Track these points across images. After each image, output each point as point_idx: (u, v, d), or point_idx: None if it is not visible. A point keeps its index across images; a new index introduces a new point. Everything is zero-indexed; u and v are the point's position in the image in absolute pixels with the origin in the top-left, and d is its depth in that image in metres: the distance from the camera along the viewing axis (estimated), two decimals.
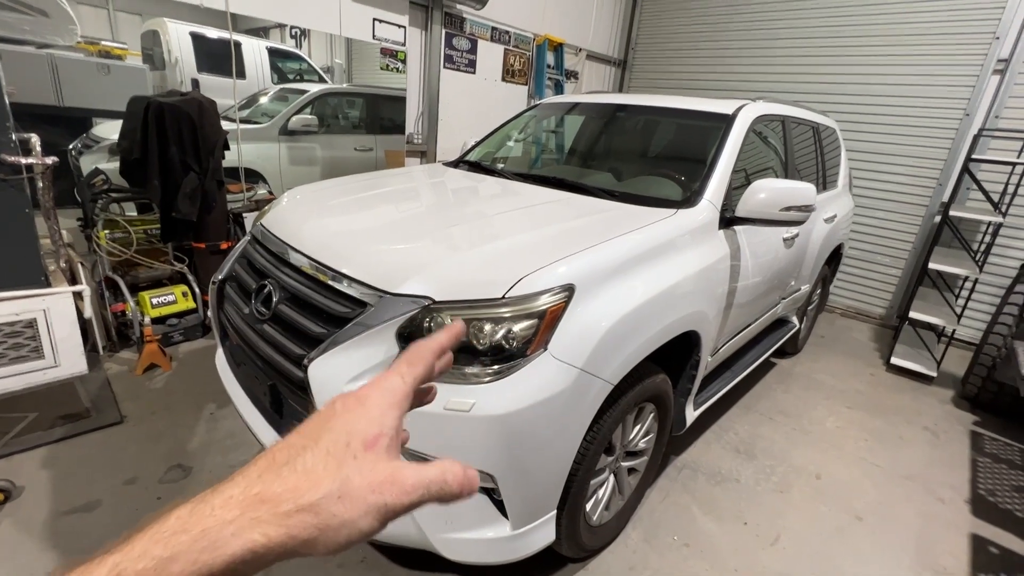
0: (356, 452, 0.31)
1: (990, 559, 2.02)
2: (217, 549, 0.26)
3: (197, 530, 0.26)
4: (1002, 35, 3.80)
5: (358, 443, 0.31)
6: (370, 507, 0.30)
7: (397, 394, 0.35)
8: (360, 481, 0.30)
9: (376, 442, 0.32)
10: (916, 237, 4.39)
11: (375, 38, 3.83)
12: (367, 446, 0.31)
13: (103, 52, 2.96)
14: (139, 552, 0.25)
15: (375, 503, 0.30)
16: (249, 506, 0.27)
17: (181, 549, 0.25)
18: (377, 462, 0.31)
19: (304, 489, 0.28)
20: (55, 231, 2.45)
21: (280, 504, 0.28)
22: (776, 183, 1.94)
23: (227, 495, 0.28)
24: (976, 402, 3.20)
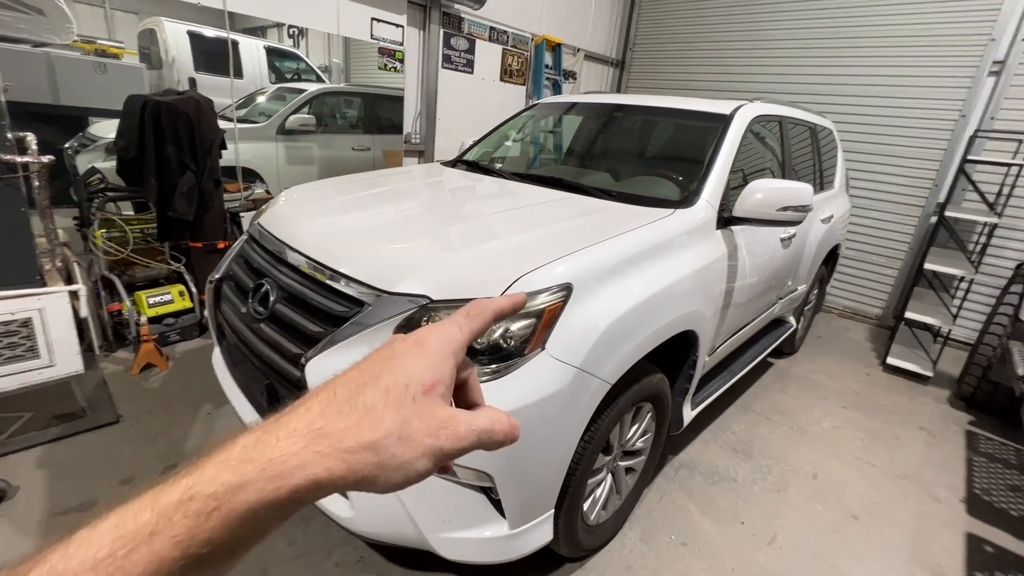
0: (415, 395, 0.31)
1: (985, 558, 2.03)
2: (282, 479, 0.27)
3: (263, 460, 0.27)
4: (998, 37, 3.82)
5: (417, 387, 0.32)
6: (427, 450, 0.31)
7: (454, 343, 0.35)
8: (418, 424, 0.31)
9: (434, 388, 0.32)
10: (912, 238, 4.41)
11: (373, 38, 3.83)
12: (426, 391, 0.32)
13: (100, 51, 2.95)
14: (209, 477, 0.26)
15: (431, 446, 0.31)
16: (312, 440, 0.28)
17: (249, 477, 0.26)
18: (434, 407, 0.32)
19: (366, 428, 0.29)
20: (51, 230, 2.44)
21: (342, 440, 0.28)
22: (773, 183, 1.94)
23: (291, 428, 0.28)
24: (971, 402, 3.22)
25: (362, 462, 0.29)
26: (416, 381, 0.32)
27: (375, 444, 0.29)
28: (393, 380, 0.31)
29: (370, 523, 1.36)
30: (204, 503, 0.25)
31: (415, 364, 0.33)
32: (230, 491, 0.26)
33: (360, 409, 0.30)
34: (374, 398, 0.30)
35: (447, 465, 0.34)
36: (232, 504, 0.26)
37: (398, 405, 0.31)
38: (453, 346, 0.35)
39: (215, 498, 0.25)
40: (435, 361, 0.34)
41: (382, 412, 0.30)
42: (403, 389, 0.31)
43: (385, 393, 0.31)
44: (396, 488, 0.31)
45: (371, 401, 0.30)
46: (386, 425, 0.30)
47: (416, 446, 0.30)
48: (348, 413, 0.29)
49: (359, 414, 0.29)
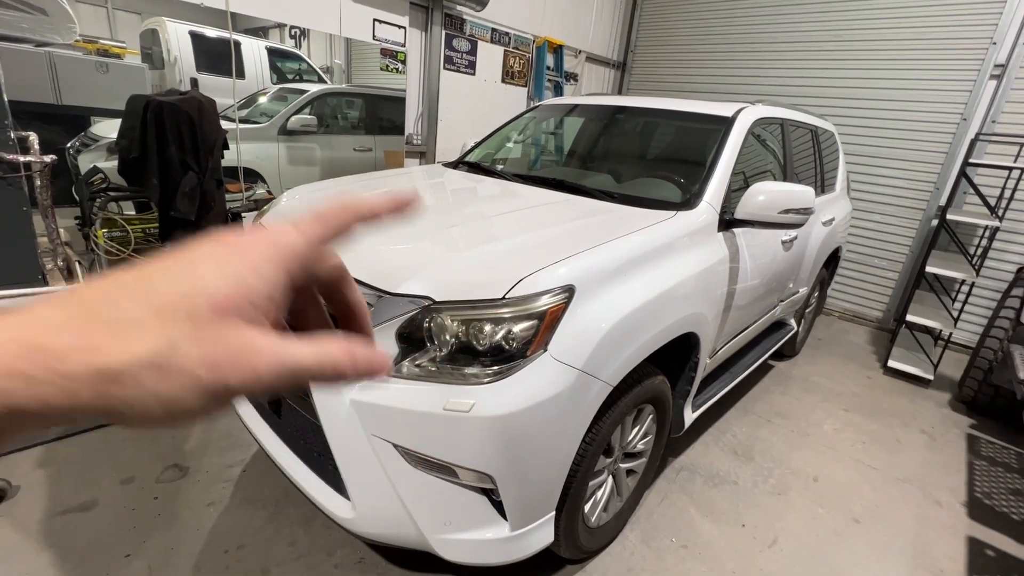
0: (197, 313, 0.23)
1: (986, 562, 2.03)
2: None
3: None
4: (999, 40, 3.83)
5: (202, 302, 0.23)
6: (201, 387, 0.23)
7: (287, 252, 0.27)
8: (191, 351, 0.22)
9: (231, 305, 0.24)
10: (913, 241, 4.41)
11: (375, 38, 3.83)
12: (215, 308, 0.23)
13: (102, 51, 2.95)
14: None
15: (208, 381, 0.23)
16: (23, 356, 0.20)
17: None
18: (224, 331, 0.23)
19: (108, 350, 0.21)
20: (53, 229, 2.44)
21: (64, 361, 0.20)
22: (775, 186, 1.94)
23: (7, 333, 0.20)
24: (973, 405, 3.21)
25: (96, 394, 0.21)
26: (203, 293, 0.23)
27: (116, 373, 0.21)
28: (169, 290, 0.23)
29: (371, 524, 1.36)
30: None
31: (210, 271, 0.24)
32: None
33: (110, 325, 0.21)
34: (133, 311, 0.22)
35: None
36: None
37: (164, 322, 0.22)
38: (284, 254, 0.26)
39: None
40: (244, 270, 0.25)
41: (137, 331, 0.22)
42: (177, 300, 0.23)
43: (152, 307, 0.22)
44: (155, 426, 0.23)
45: (128, 313, 0.22)
46: (140, 349, 0.21)
47: (182, 379, 0.22)
48: (90, 327, 0.21)
49: (105, 331, 0.21)
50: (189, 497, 1.87)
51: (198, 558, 1.65)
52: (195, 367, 0.22)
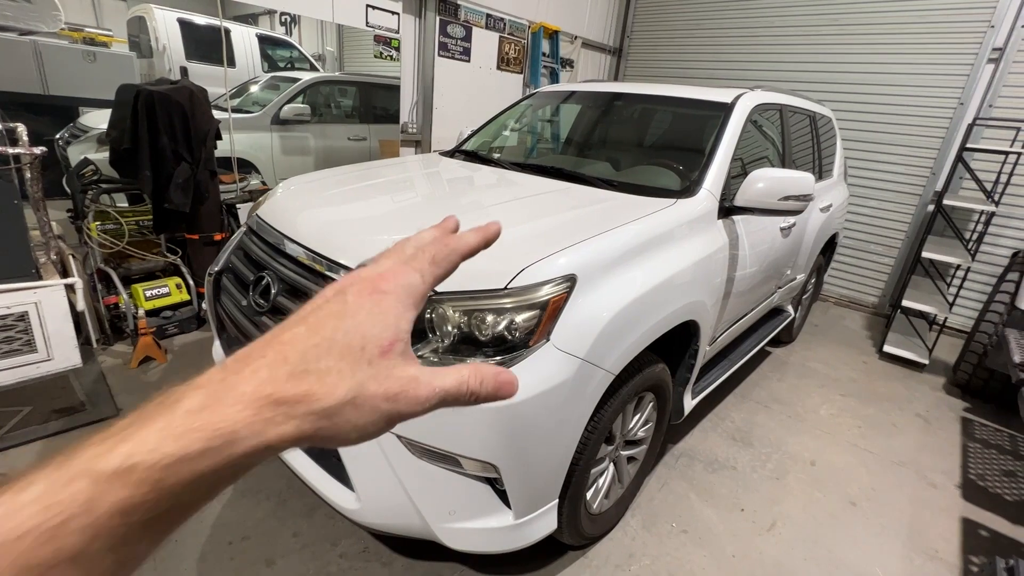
0: (371, 358, 0.29)
1: (980, 542, 2.07)
2: (231, 447, 0.25)
3: (210, 430, 0.25)
4: (997, 23, 3.80)
5: (373, 348, 0.29)
6: (382, 415, 0.29)
7: (415, 295, 0.33)
8: (375, 389, 0.29)
9: (392, 347, 0.30)
10: (909, 226, 4.42)
11: (368, 25, 3.77)
12: (382, 352, 0.30)
13: (88, 39, 2.89)
14: (151, 446, 0.24)
15: (387, 411, 0.29)
16: (263, 407, 0.26)
17: (195, 449, 0.24)
18: (392, 369, 0.30)
19: (319, 395, 0.27)
20: (45, 223, 2.41)
21: (295, 407, 0.27)
22: (775, 172, 1.94)
23: (239, 391, 0.26)
24: (967, 389, 3.25)
25: (315, 426, 0.27)
26: (372, 342, 0.29)
27: (329, 410, 0.28)
28: (347, 343, 0.29)
29: (375, 514, 1.37)
30: (146, 473, 0.23)
31: (371, 322, 0.30)
32: (175, 463, 0.24)
33: (313, 374, 0.28)
34: (328, 363, 0.28)
35: None
36: (177, 475, 0.24)
37: (353, 369, 0.29)
38: (414, 297, 0.32)
39: (158, 469, 0.23)
40: (392, 317, 0.31)
41: (336, 378, 0.28)
42: (358, 352, 0.29)
43: (339, 358, 0.29)
44: (349, 445, 0.30)
45: (324, 366, 0.28)
46: (340, 392, 0.28)
47: (371, 411, 0.29)
48: (301, 378, 0.27)
49: (312, 380, 0.28)
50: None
51: (202, 550, 1.65)
52: (378, 401, 0.29)
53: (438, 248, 0.35)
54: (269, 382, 0.27)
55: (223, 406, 0.26)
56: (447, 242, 0.36)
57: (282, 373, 0.27)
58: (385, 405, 0.29)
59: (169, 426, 0.25)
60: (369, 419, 0.29)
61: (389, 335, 0.30)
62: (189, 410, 0.25)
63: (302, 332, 0.29)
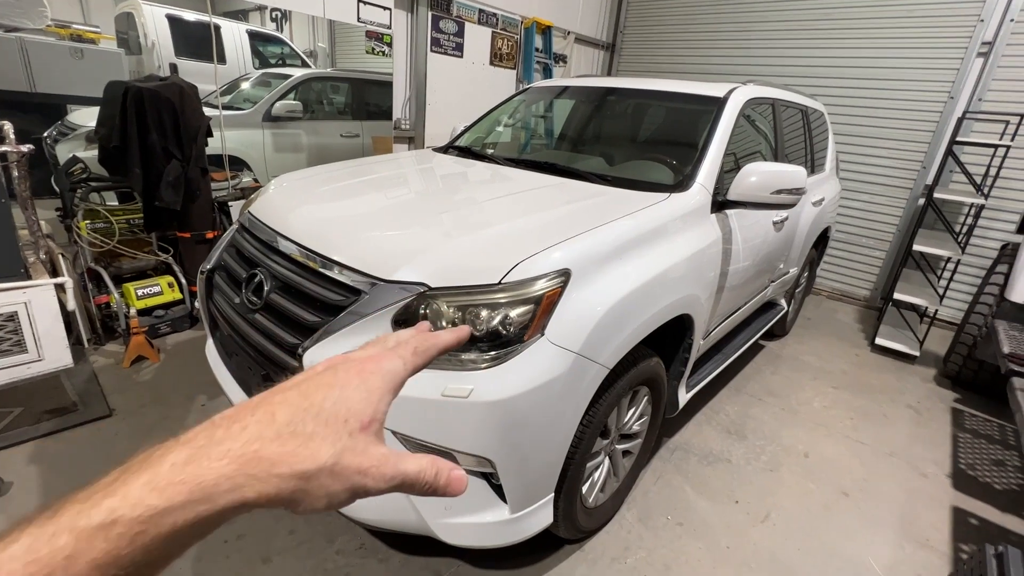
0: (352, 430, 0.32)
1: (970, 530, 2.09)
2: (212, 501, 0.26)
3: (194, 483, 0.26)
4: (986, 17, 3.83)
5: (355, 423, 0.32)
6: (351, 486, 0.31)
7: (396, 380, 0.36)
8: (351, 460, 0.31)
9: (370, 425, 0.33)
10: (900, 219, 4.46)
11: (360, 20, 3.74)
12: (362, 428, 0.32)
13: (75, 36, 2.85)
14: (135, 500, 0.25)
15: (357, 483, 0.31)
16: (247, 463, 0.28)
17: (177, 501, 0.26)
18: (368, 445, 0.32)
19: (302, 457, 0.29)
20: (33, 222, 2.38)
21: (277, 466, 0.28)
22: (767, 166, 1.94)
23: (225, 448, 0.28)
24: (957, 380, 3.29)
25: (291, 488, 0.29)
26: (355, 416, 0.32)
27: (308, 474, 0.29)
28: (333, 412, 0.32)
29: (371, 510, 1.37)
30: (128, 527, 0.24)
31: (356, 398, 0.33)
32: (157, 516, 0.25)
33: (299, 437, 0.30)
34: (314, 427, 0.30)
35: None
36: (158, 528, 0.25)
37: (335, 438, 0.31)
38: (394, 382, 0.36)
39: (140, 522, 0.25)
40: (376, 397, 0.34)
41: (319, 444, 0.30)
42: (342, 423, 0.31)
43: (324, 425, 0.31)
44: (314, 512, 0.31)
45: (310, 430, 0.30)
46: (321, 458, 0.30)
47: (344, 481, 0.31)
48: (287, 439, 0.29)
49: (297, 442, 0.29)
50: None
51: (198, 549, 1.65)
52: (351, 473, 0.31)
53: (419, 341, 0.40)
54: (256, 439, 0.29)
55: (209, 460, 0.27)
56: (427, 337, 0.41)
57: (270, 432, 0.29)
58: (356, 477, 0.31)
59: (154, 479, 0.26)
60: (340, 487, 0.31)
61: (370, 412, 0.33)
62: (174, 464, 0.27)
63: (293, 396, 0.32)
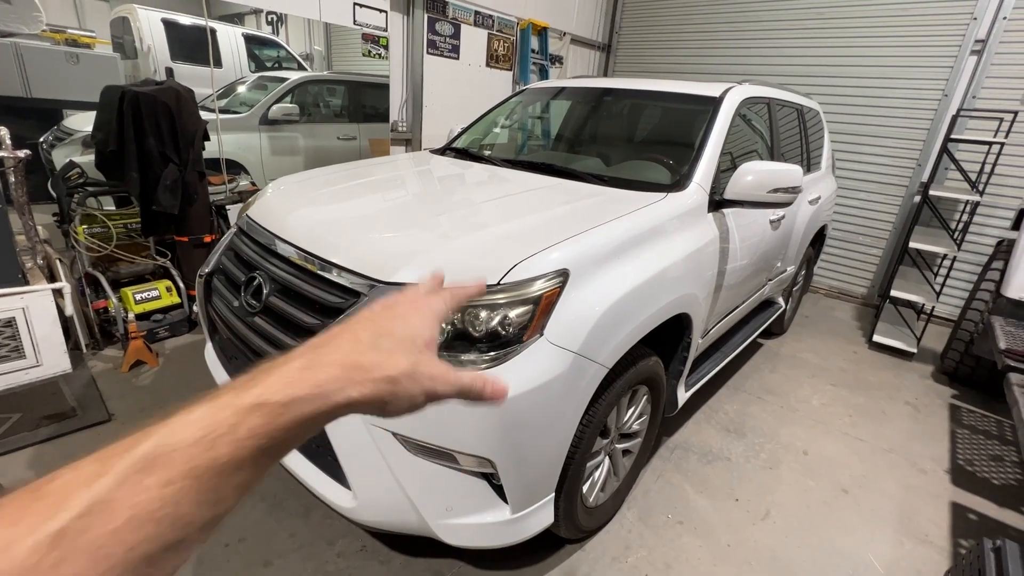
0: (420, 347, 0.40)
1: (969, 525, 2.10)
2: (328, 397, 0.34)
3: (314, 381, 0.34)
4: (979, 15, 3.85)
5: (422, 341, 0.40)
6: (426, 389, 0.39)
7: (441, 314, 0.45)
8: (424, 369, 0.39)
9: (431, 343, 0.41)
10: (896, 217, 4.47)
11: (356, 23, 3.74)
12: (427, 344, 0.41)
13: (70, 41, 2.85)
14: (276, 388, 0.32)
15: (429, 387, 0.39)
16: (350, 369, 0.35)
17: (305, 393, 0.33)
18: (433, 358, 0.40)
19: (388, 365, 0.37)
20: (30, 227, 2.38)
21: (371, 371, 0.36)
22: (764, 165, 1.95)
23: (331, 358, 0.35)
24: (955, 376, 3.30)
25: (384, 390, 0.36)
26: (420, 336, 0.41)
27: (394, 378, 0.37)
28: (403, 333, 0.40)
29: (372, 512, 1.37)
30: (273, 408, 0.32)
31: (418, 324, 0.41)
32: (292, 402, 0.32)
33: (383, 351, 0.38)
34: (391, 344, 0.38)
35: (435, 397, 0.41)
36: (291, 412, 0.32)
37: (409, 352, 0.39)
38: (440, 316, 0.44)
39: (281, 406, 0.32)
40: (430, 324, 0.42)
41: (399, 355, 0.38)
42: (411, 341, 0.40)
43: (399, 342, 0.39)
44: (399, 414, 0.39)
45: (389, 346, 0.38)
46: (402, 365, 0.38)
47: (420, 384, 0.38)
48: (373, 353, 0.37)
49: (382, 355, 0.37)
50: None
51: (199, 553, 1.65)
52: (424, 378, 0.39)
53: (453, 289, 0.48)
54: (352, 352, 0.37)
55: (321, 367, 0.35)
56: (456, 287, 0.49)
57: (360, 348, 0.37)
58: (428, 383, 0.39)
59: (286, 377, 0.33)
60: (418, 390, 0.38)
61: (429, 334, 0.41)
62: (298, 367, 0.34)
63: (368, 324, 0.40)
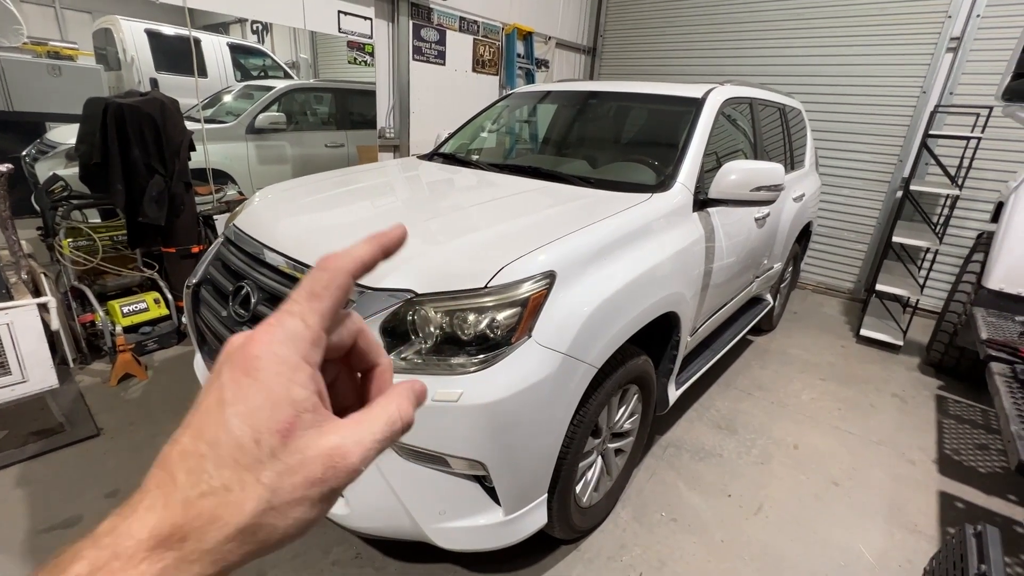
0: (272, 448, 0.24)
1: (957, 513, 2.14)
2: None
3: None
4: (954, 14, 3.94)
5: (271, 437, 0.24)
6: (313, 501, 0.25)
7: (301, 344, 0.27)
8: (292, 480, 0.24)
9: (293, 427, 0.25)
10: (880, 212, 4.55)
11: (341, 31, 3.75)
12: (284, 435, 0.25)
13: (52, 53, 2.83)
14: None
15: (318, 494, 0.25)
16: (168, 549, 0.22)
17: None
18: (306, 449, 0.25)
19: (227, 516, 0.23)
20: (14, 242, 2.35)
21: (204, 539, 0.23)
22: (746, 164, 1.98)
23: (136, 539, 0.22)
24: (940, 367, 3.36)
25: (237, 551, 0.23)
26: (265, 429, 0.24)
27: (243, 529, 0.23)
28: (234, 442, 0.24)
29: (366, 518, 1.37)
30: None
31: (257, 404, 0.24)
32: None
33: (209, 496, 0.23)
34: (222, 474, 0.23)
35: None
36: None
37: (256, 470, 0.24)
38: (301, 347, 0.26)
39: None
40: (280, 387, 0.25)
41: (239, 490, 0.23)
42: (253, 447, 0.24)
43: (234, 462, 0.24)
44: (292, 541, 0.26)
45: (219, 481, 0.23)
46: (249, 505, 0.23)
47: (296, 505, 0.25)
48: (197, 503, 0.23)
49: (211, 502, 0.23)
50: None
51: None
52: (301, 491, 0.25)
53: (312, 280, 0.28)
54: (166, 517, 0.23)
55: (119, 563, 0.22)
56: (324, 266, 0.29)
57: (175, 500, 0.23)
58: (312, 491, 0.25)
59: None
60: (301, 512, 0.25)
61: (284, 413, 0.25)
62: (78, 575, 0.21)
63: (187, 442, 0.24)
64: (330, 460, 0.25)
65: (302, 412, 0.25)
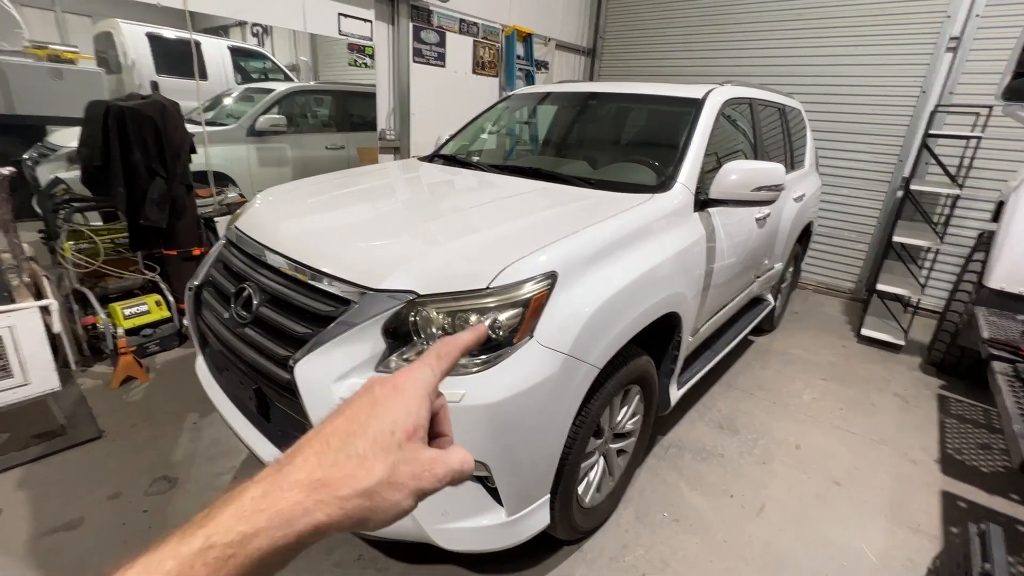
0: (400, 442, 0.34)
1: (959, 513, 2.13)
2: (290, 527, 0.30)
3: (272, 511, 0.30)
4: (953, 14, 3.95)
5: (401, 433, 0.34)
6: (411, 491, 0.34)
7: (429, 386, 0.38)
8: (405, 469, 0.34)
9: (415, 433, 0.35)
10: (880, 212, 4.55)
11: (341, 33, 3.76)
12: (408, 436, 0.35)
13: (53, 56, 2.84)
14: (226, 527, 0.29)
15: (415, 488, 0.34)
16: (314, 490, 0.31)
17: (260, 527, 0.29)
18: (417, 451, 0.35)
19: (360, 477, 0.32)
20: (16, 245, 2.36)
21: (340, 489, 0.31)
22: (747, 164, 1.99)
23: (293, 479, 0.31)
24: (942, 367, 3.36)
25: (357, 507, 0.32)
26: (400, 428, 0.34)
27: (368, 491, 0.32)
28: (379, 428, 0.34)
29: None
30: (222, 551, 0.28)
31: (397, 410, 0.35)
32: (245, 539, 0.28)
33: (353, 459, 0.32)
34: (364, 447, 0.33)
35: None
36: (246, 551, 0.28)
37: (386, 452, 0.33)
38: (427, 388, 0.38)
39: (231, 546, 0.28)
40: (414, 406, 0.36)
41: (373, 461, 0.33)
42: (389, 436, 0.34)
43: (373, 442, 0.33)
44: (385, 526, 0.34)
45: (362, 450, 0.33)
46: (377, 473, 0.32)
47: (403, 488, 0.33)
48: (343, 463, 0.32)
49: (353, 463, 0.32)
50: (180, 508, 1.85)
51: None
52: (407, 480, 0.34)
53: (441, 346, 0.42)
54: (317, 468, 0.32)
55: (281, 491, 0.30)
56: (447, 340, 0.42)
57: (327, 459, 0.32)
58: (413, 483, 0.34)
59: (240, 510, 0.30)
60: (402, 495, 0.33)
61: (412, 421, 0.35)
62: (254, 496, 0.30)
63: (341, 422, 0.34)
64: (428, 464, 0.35)
65: (420, 427, 0.36)
